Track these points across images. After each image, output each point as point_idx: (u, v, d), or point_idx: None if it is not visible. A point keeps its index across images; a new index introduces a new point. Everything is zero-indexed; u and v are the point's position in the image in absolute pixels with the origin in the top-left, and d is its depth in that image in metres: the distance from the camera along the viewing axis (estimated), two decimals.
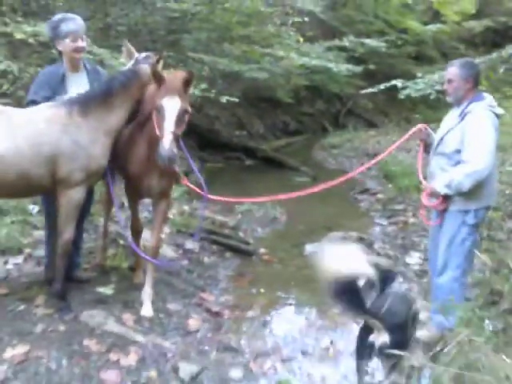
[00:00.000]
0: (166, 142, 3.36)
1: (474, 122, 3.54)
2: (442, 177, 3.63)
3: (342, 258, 2.93)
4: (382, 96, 15.54)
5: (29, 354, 3.27)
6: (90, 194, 4.08)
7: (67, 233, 3.71)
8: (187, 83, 3.50)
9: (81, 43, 3.78)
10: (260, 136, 12.92)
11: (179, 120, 3.45)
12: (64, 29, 3.71)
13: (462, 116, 3.61)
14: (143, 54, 3.89)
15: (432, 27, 15.34)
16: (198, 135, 10.36)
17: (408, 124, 13.18)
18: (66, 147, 3.52)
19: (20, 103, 4.77)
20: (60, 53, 3.85)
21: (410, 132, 4.02)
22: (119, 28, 9.46)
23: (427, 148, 3.95)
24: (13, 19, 6.60)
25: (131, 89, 3.73)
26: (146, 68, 3.70)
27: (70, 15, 3.84)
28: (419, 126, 3.97)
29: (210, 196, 4.04)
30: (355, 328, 4.12)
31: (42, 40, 6.43)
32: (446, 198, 3.65)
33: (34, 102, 3.72)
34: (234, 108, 11.74)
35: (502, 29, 18.01)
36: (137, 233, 4.38)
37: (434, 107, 13.66)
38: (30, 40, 6.30)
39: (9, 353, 3.25)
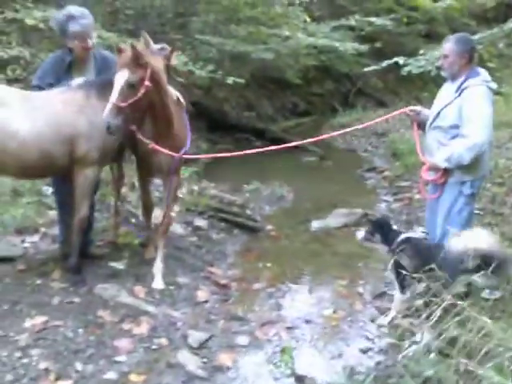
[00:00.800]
0: (105, 112, 3.52)
1: (471, 97, 3.64)
2: (442, 151, 3.74)
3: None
4: (392, 75, 15.49)
5: (47, 323, 3.47)
6: None
7: (83, 210, 3.92)
8: (135, 57, 3.57)
9: (89, 43, 3.88)
10: (269, 117, 12.99)
11: (123, 92, 3.55)
12: (71, 30, 3.80)
13: (460, 91, 3.71)
14: (159, 46, 3.98)
15: (442, 4, 15.16)
16: (207, 117, 10.47)
17: (418, 103, 13.17)
18: (83, 128, 3.72)
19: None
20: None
21: (395, 113, 4.35)
22: (127, 12, 9.59)
23: (421, 125, 4.07)
24: (23, 5, 6.74)
25: None
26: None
27: (77, 12, 3.85)
28: (405, 109, 4.13)
29: (185, 156, 4.13)
30: (357, 299, 4.32)
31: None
32: (446, 172, 3.77)
33: (39, 88, 3.90)
34: (242, 89, 11.81)
35: None
36: (147, 211, 4.57)
37: (441, 85, 13.63)
38: (41, 25, 6.46)
39: (28, 322, 3.46)
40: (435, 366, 2.87)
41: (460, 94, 3.67)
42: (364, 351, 3.56)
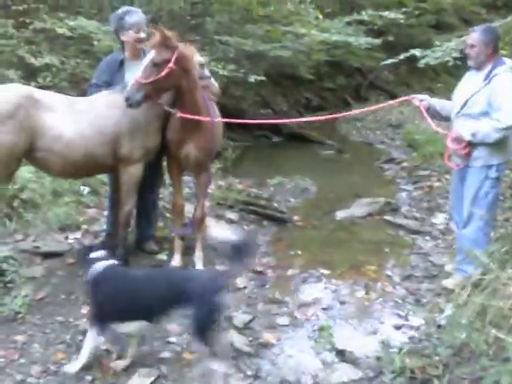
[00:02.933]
0: (128, 86, 3.83)
1: (501, 84, 3.85)
2: (469, 125, 3.94)
3: None
4: (404, 67, 15.63)
5: None
6: (158, 170, 4.62)
7: (128, 205, 4.20)
8: (163, 40, 3.83)
9: (142, 34, 4.20)
10: (284, 113, 13.16)
11: (147, 70, 3.83)
12: (128, 21, 4.14)
13: (489, 80, 3.91)
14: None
15: None
16: (225, 116, 10.68)
17: (431, 94, 13.33)
18: (126, 128, 3.98)
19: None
20: (122, 43, 4.29)
21: (398, 100, 4.98)
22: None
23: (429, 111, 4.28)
24: (52, 16, 7.05)
25: None
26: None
27: (133, 8, 4.33)
28: (409, 97, 4.45)
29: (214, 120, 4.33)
30: (386, 282, 4.55)
31: (79, 33, 6.95)
32: (470, 144, 3.96)
33: (96, 85, 4.26)
34: (258, 87, 12.01)
35: None
36: (178, 213, 4.54)
37: (455, 75, 13.74)
38: (69, 33, 6.76)
39: (85, 309, 3.74)
40: (468, 334, 3.09)
41: (489, 81, 3.87)
42: (397, 327, 3.79)
